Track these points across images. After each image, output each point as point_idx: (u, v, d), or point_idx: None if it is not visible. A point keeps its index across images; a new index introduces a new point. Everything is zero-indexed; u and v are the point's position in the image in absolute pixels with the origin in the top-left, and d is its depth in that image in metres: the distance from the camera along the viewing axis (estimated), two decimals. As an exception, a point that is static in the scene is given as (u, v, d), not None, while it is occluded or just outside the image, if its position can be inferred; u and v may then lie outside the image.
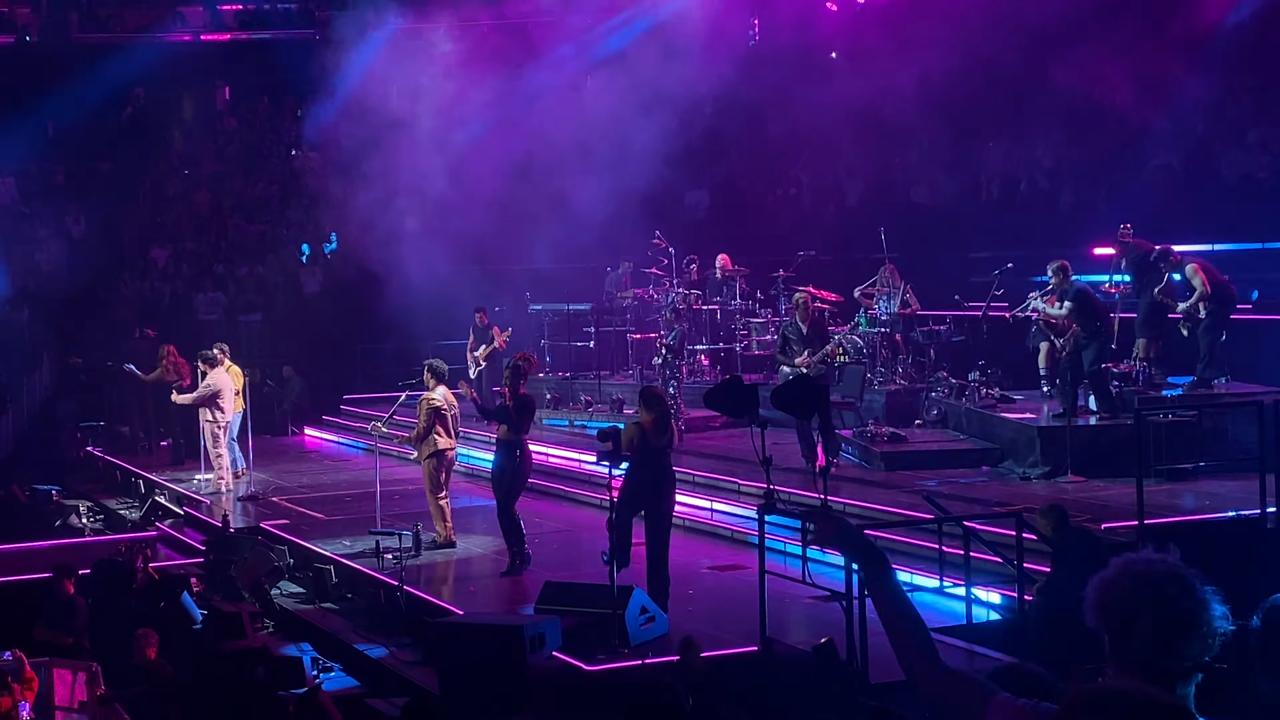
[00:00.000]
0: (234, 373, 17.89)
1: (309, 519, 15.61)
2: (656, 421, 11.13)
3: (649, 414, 11.12)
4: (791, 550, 11.77)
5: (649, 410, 11.17)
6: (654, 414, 11.12)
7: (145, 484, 18.63)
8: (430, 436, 13.34)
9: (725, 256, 19.74)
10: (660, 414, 11.22)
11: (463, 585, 12.40)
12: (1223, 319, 14.41)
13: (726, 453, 15.95)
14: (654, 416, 11.10)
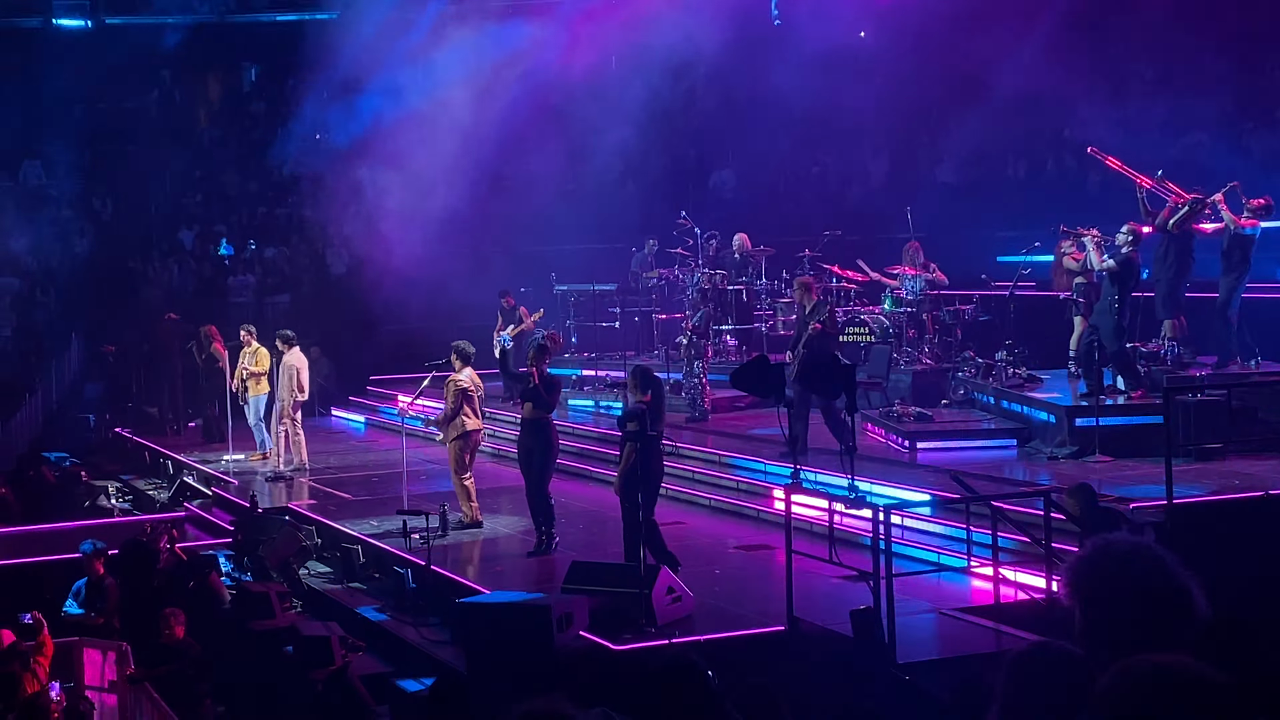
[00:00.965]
0: (262, 355, 17.99)
1: (336, 499, 15.66)
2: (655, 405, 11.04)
3: (642, 395, 11.04)
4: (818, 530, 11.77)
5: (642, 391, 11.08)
6: (653, 396, 11.05)
7: (174, 465, 18.73)
8: (458, 418, 13.37)
9: (744, 236, 19.66)
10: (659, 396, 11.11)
11: (489, 565, 12.43)
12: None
13: (754, 433, 15.92)
14: (652, 398, 11.02)
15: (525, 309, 19.78)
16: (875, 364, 16.56)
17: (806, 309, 14.41)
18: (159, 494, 18.03)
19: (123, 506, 17.87)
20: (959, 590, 10.37)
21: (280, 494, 16.17)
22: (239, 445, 18.42)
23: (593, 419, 17.84)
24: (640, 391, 11.25)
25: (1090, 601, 3.07)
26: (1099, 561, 3.09)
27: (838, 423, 13.91)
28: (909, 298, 17.41)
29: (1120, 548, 3.12)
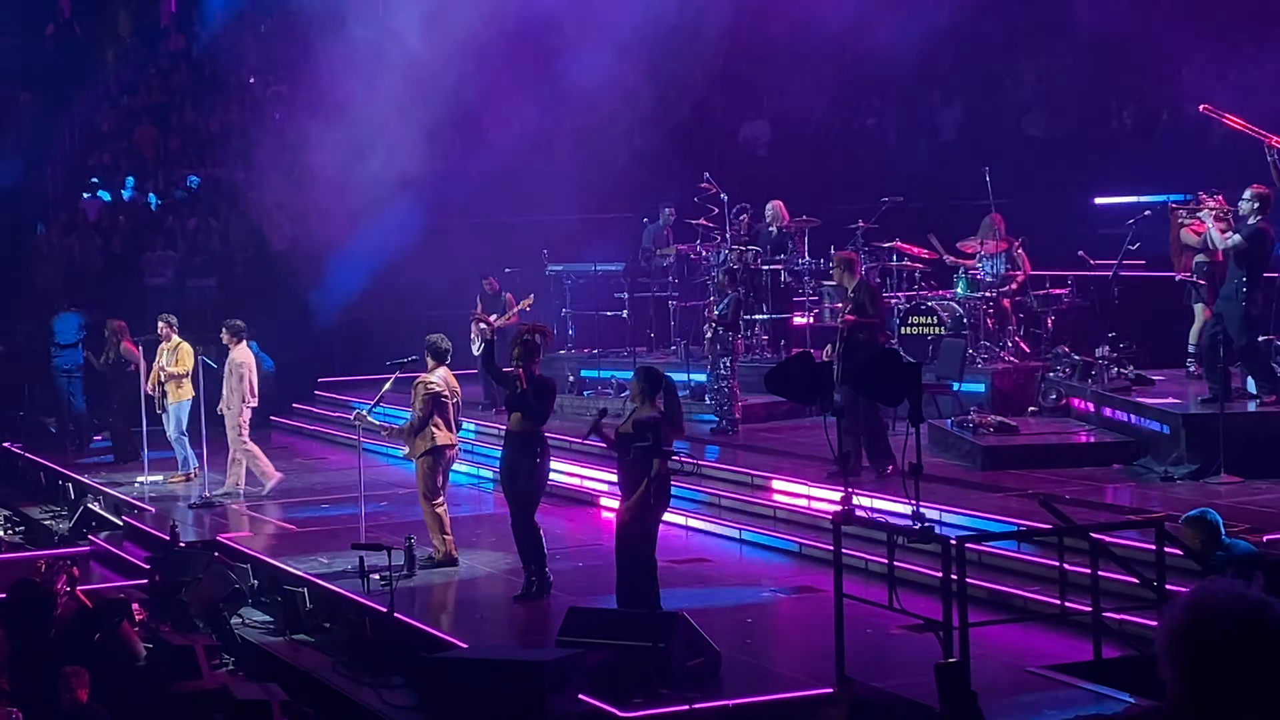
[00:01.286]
0: (184, 352, 18.04)
1: (277, 530, 15.66)
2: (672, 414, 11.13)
3: (651, 404, 11.11)
4: (875, 568, 11.74)
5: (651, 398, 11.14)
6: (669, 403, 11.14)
7: (75, 489, 18.77)
8: (427, 429, 13.34)
9: (779, 204, 19.65)
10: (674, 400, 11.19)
11: (467, 612, 12.42)
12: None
13: (795, 448, 15.89)
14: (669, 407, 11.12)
15: (511, 295, 19.80)
16: (946, 362, 16.54)
17: (848, 292, 14.39)
18: (58, 524, 18.07)
19: (12, 540, 17.92)
20: (1050, 643, 10.34)
21: (207, 524, 16.20)
22: (156, 464, 18.45)
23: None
24: (647, 399, 11.19)
25: (1190, 675, 2.99)
26: (1200, 620, 3.01)
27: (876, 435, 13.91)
28: (988, 280, 17.39)
29: (1231, 602, 3.02)
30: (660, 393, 11.22)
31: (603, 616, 10.66)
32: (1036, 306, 17.40)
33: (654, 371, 11.51)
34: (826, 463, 13.52)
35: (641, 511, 10.94)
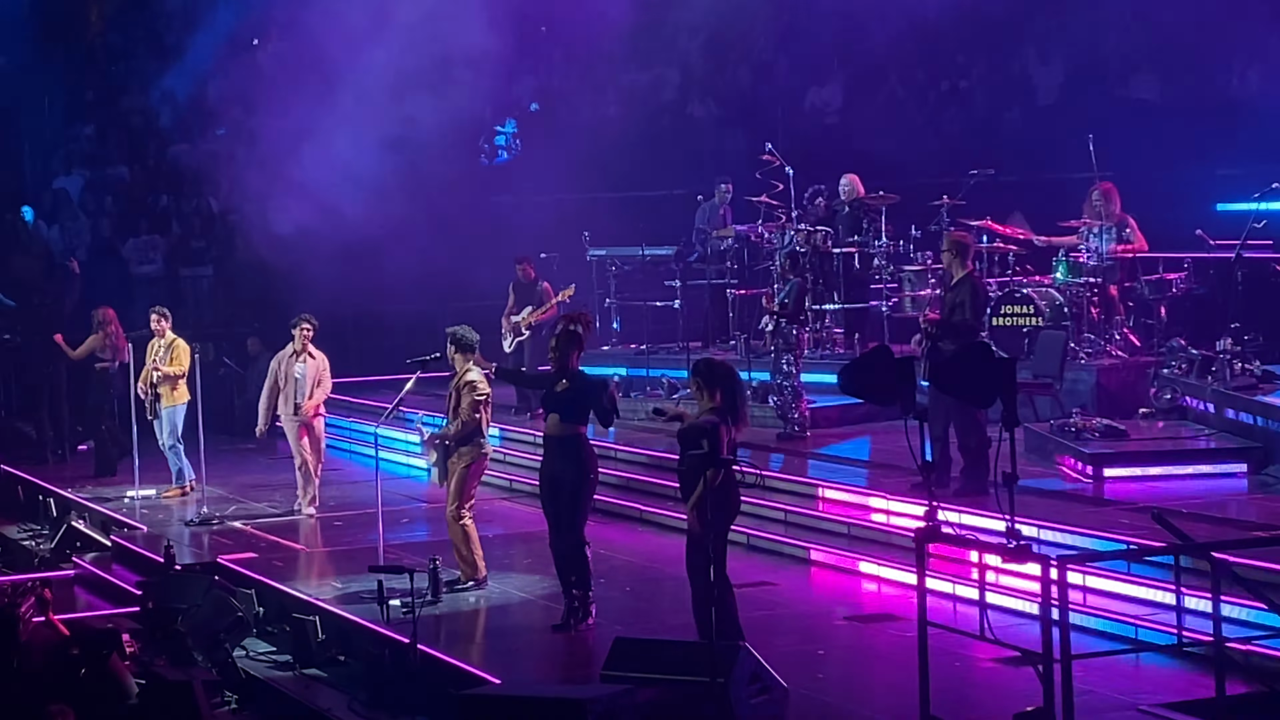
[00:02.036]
0: (180, 350, 18.11)
1: (284, 551, 15.73)
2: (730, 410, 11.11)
3: (710, 400, 11.12)
4: (964, 592, 11.69)
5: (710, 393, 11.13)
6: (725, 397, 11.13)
7: (58, 504, 18.89)
8: (475, 433, 13.44)
9: (855, 178, 19.60)
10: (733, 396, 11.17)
11: (500, 643, 12.45)
12: None
13: (872, 456, 15.88)
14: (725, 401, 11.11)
15: (549, 284, 19.82)
16: (1044, 357, 16.48)
17: (953, 280, 14.27)
18: (38, 545, 18.19)
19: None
20: (1165, 677, 10.29)
21: (206, 545, 16.29)
22: (149, 477, 18.55)
23: (643, 440, 17.83)
24: (707, 394, 11.21)
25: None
26: None
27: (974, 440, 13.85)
28: (1092, 263, 17.31)
29: None
30: (719, 388, 11.17)
31: (654, 648, 10.65)
32: (1148, 294, 17.30)
33: (712, 363, 11.48)
34: (908, 473, 13.47)
35: (702, 527, 10.94)
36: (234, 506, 17.78)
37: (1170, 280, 17.28)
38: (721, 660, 10.02)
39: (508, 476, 17.73)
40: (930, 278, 18.21)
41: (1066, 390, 16.25)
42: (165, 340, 18.27)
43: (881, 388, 10.46)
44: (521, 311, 19.62)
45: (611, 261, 21.14)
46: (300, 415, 17.03)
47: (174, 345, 18.19)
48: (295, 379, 17.08)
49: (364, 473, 16.48)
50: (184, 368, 18.08)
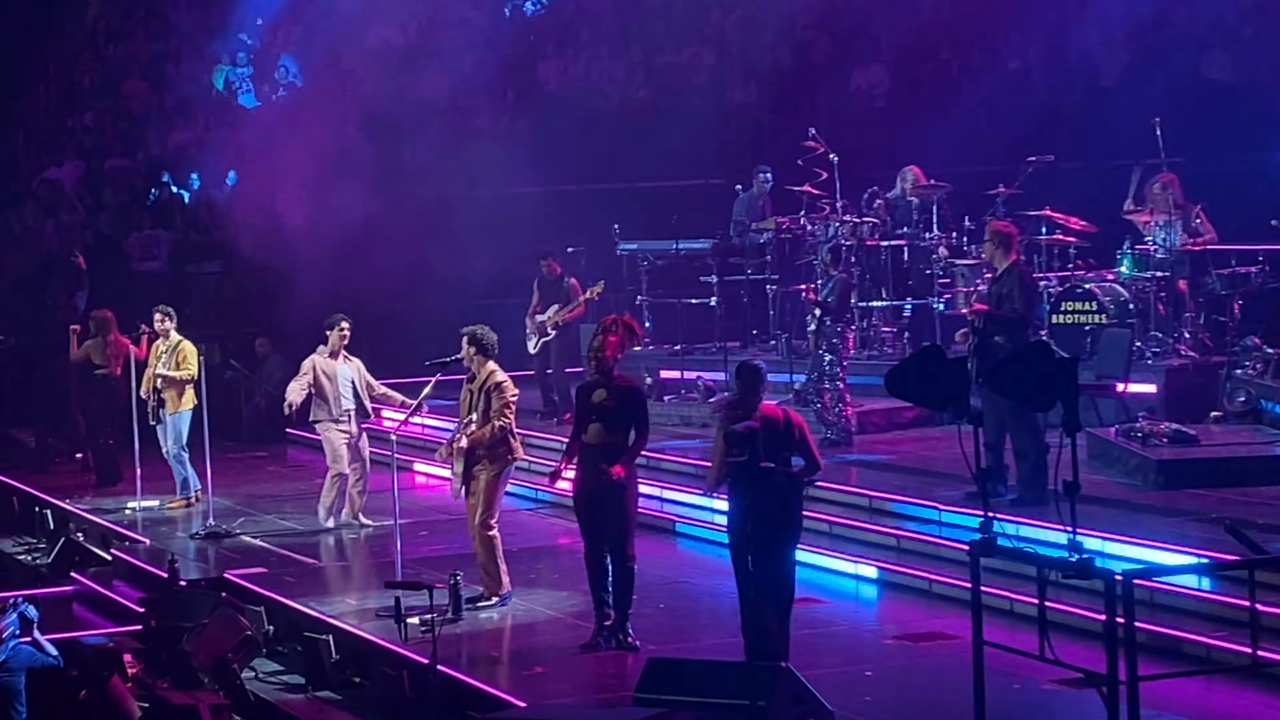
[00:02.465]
0: (186, 352, 18.09)
1: (296, 566, 15.77)
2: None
3: None
4: (1022, 610, 11.67)
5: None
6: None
7: (55, 516, 18.95)
8: (505, 441, 13.46)
9: (918, 170, 19.52)
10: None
11: (525, 663, 12.46)
12: None
13: (923, 463, 15.85)
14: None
15: (576, 281, 19.81)
16: (1108, 357, 16.43)
17: (998, 271, 14.30)
18: (34, 560, 18.25)
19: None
20: (1240, 700, 10.26)
21: (212, 559, 16.34)
22: (152, 487, 18.58)
23: (677, 445, 17.85)
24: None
25: None
26: None
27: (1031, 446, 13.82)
28: (1159, 256, 17.26)
29: None
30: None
31: (690, 668, 10.66)
32: (1220, 289, 17.23)
33: (752, 369, 11.54)
34: (962, 481, 13.44)
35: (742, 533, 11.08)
36: (242, 518, 17.80)
37: (1244, 274, 17.20)
38: (762, 682, 10.02)
39: (533, 485, 17.73)
40: (985, 272, 18.17)
41: (1131, 392, 16.20)
42: (170, 342, 18.25)
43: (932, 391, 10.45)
44: (547, 310, 19.58)
45: (643, 256, 21.10)
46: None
47: (180, 347, 18.15)
48: (340, 382, 16.76)
49: (379, 481, 16.46)
50: (192, 371, 17.99)
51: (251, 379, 23.06)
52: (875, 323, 19.29)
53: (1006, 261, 14.23)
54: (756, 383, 11.39)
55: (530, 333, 19.61)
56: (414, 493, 17.86)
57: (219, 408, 18.57)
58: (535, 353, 19.55)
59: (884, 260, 19.14)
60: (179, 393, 18.14)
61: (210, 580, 15.33)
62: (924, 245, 19.13)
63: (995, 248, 14.39)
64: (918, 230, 19.22)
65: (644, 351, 20.58)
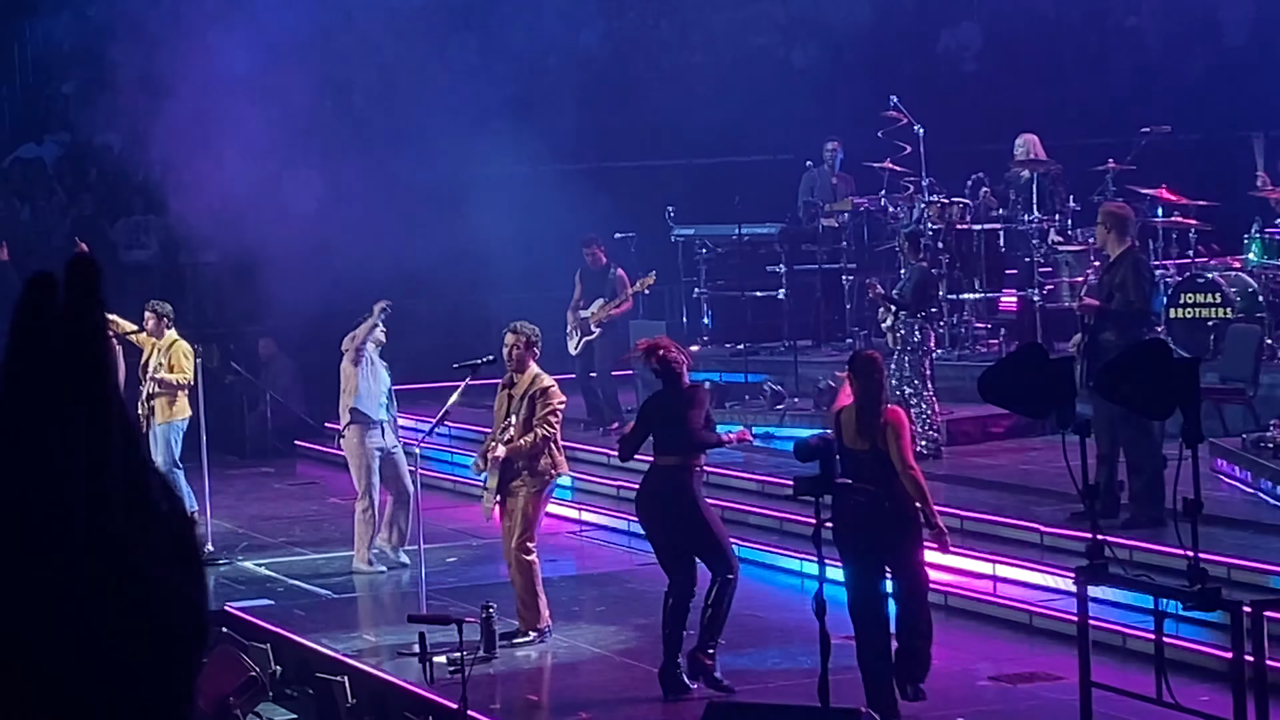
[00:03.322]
0: (180, 353, 18.13)
1: (306, 597, 15.84)
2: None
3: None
4: (1136, 646, 11.65)
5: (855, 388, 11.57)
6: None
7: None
8: (546, 454, 13.49)
9: (1034, 139, 19.34)
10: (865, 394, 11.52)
11: (567, 709, 12.51)
12: None
13: (1021, 479, 15.83)
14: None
15: (624, 271, 19.82)
16: (1234, 358, 16.39)
17: (1110, 259, 14.25)
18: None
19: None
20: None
21: (213, 590, 16.40)
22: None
23: (742, 459, 17.86)
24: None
25: None
26: None
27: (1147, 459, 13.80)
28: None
29: None
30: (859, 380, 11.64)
31: (756, 714, 10.69)
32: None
33: (868, 361, 11.84)
34: (1067, 500, 13.42)
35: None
36: (245, 543, 17.90)
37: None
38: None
39: (576, 505, 17.78)
40: (1093, 259, 18.14)
41: (1262, 398, 16.14)
42: (164, 342, 18.24)
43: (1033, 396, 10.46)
44: (591, 305, 19.57)
45: (701, 243, 21.10)
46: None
47: (173, 348, 18.15)
48: (382, 385, 16.55)
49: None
50: (186, 376, 18.03)
51: (255, 384, 23.15)
52: (967, 318, 19.23)
53: (1120, 248, 14.19)
54: (874, 374, 11.58)
55: (571, 330, 19.60)
56: (441, 513, 17.90)
57: (218, 417, 18.67)
58: (577, 354, 19.54)
59: (977, 246, 19.07)
60: (170, 400, 18.09)
61: (212, 614, 15.37)
62: (1022, 229, 19.06)
63: (1108, 232, 14.34)
64: (1015, 212, 19.14)
65: (702, 351, 20.61)
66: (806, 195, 21.29)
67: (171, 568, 1.86)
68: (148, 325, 18.36)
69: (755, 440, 15.69)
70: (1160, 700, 9.47)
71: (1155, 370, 10.01)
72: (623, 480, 17.98)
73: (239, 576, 16.74)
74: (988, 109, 22.10)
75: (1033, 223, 18.97)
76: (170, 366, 18.11)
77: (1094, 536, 9.56)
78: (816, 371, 19.29)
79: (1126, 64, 24.58)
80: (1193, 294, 17.34)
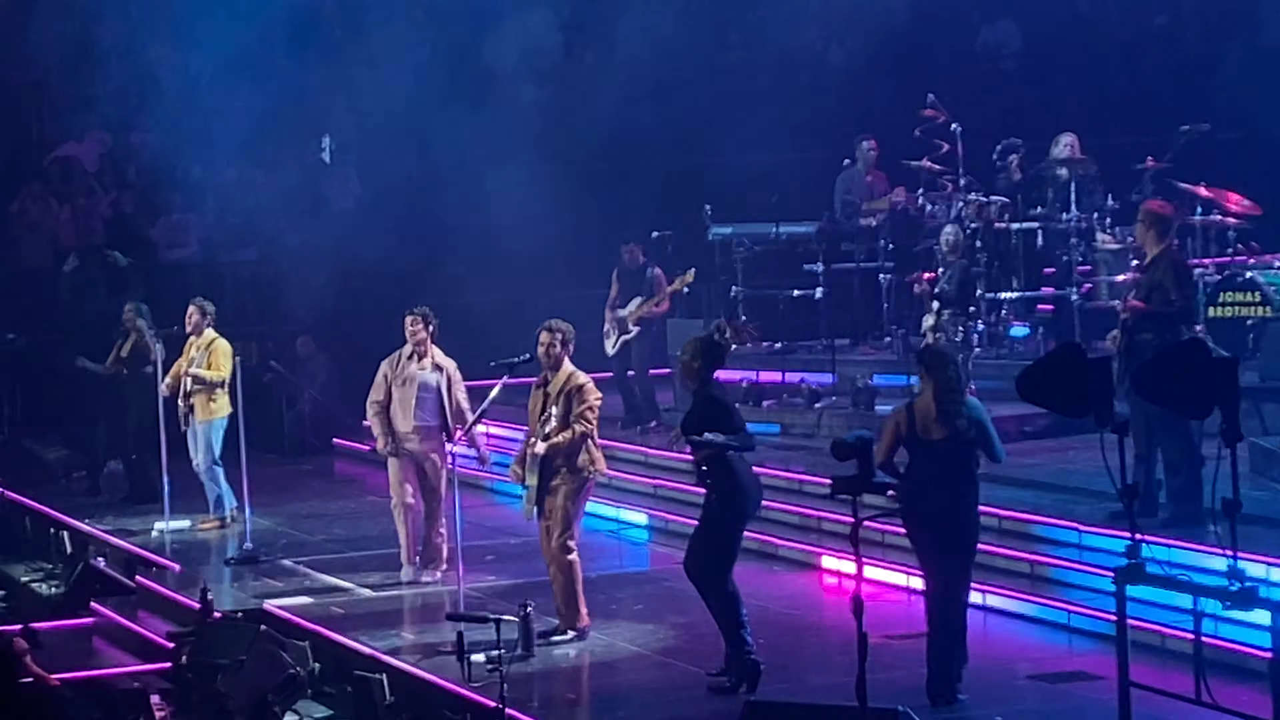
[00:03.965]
0: (220, 351, 18.11)
1: (345, 595, 15.85)
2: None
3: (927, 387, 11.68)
4: (1175, 646, 11.62)
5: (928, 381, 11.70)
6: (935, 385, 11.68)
7: (73, 539, 19.09)
8: (583, 452, 13.49)
9: (1074, 138, 19.27)
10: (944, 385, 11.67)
11: (605, 707, 12.50)
12: None
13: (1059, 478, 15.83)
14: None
15: (661, 270, 19.81)
16: (1273, 357, 16.33)
17: (1148, 258, 14.21)
18: (50, 588, 18.39)
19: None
20: None
21: (250, 588, 16.43)
22: (181, 506, 18.70)
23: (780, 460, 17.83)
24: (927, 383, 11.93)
25: None
26: None
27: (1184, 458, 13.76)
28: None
29: None
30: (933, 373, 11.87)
31: (794, 713, 10.67)
32: None
33: (938, 355, 12.12)
34: (1105, 499, 13.38)
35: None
36: (284, 541, 17.92)
37: None
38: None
39: (615, 503, 17.77)
40: (1131, 258, 18.09)
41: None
42: (204, 339, 18.26)
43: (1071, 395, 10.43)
44: (628, 305, 19.56)
45: (738, 241, 21.06)
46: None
47: (213, 346, 18.18)
48: (409, 390, 15.80)
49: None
50: (224, 374, 18.05)
51: (294, 382, 23.17)
52: (1005, 316, 19.18)
53: (1159, 247, 14.14)
54: (949, 366, 11.88)
55: (609, 329, 19.57)
56: (478, 512, 17.90)
57: (257, 415, 18.64)
58: (614, 353, 19.52)
59: (1015, 244, 19.01)
60: (209, 398, 18.12)
61: (248, 612, 15.41)
62: (1061, 227, 19.00)
63: (1147, 230, 14.27)
64: (1054, 210, 19.08)
65: (739, 349, 20.57)
66: (844, 194, 21.24)
67: None
68: (191, 320, 18.38)
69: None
70: (1199, 700, 9.44)
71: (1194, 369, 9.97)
72: (661, 479, 18.01)
73: (278, 573, 16.75)
74: (1026, 107, 21.99)
75: (1071, 221, 18.92)
76: (209, 363, 18.14)
77: (1133, 536, 9.54)
78: (853, 370, 19.28)
79: (1165, 61, 24.48)
80: (1232, 293, 17.30)
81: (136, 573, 17.49)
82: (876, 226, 20.44)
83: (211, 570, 17.02)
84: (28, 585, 18.76)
